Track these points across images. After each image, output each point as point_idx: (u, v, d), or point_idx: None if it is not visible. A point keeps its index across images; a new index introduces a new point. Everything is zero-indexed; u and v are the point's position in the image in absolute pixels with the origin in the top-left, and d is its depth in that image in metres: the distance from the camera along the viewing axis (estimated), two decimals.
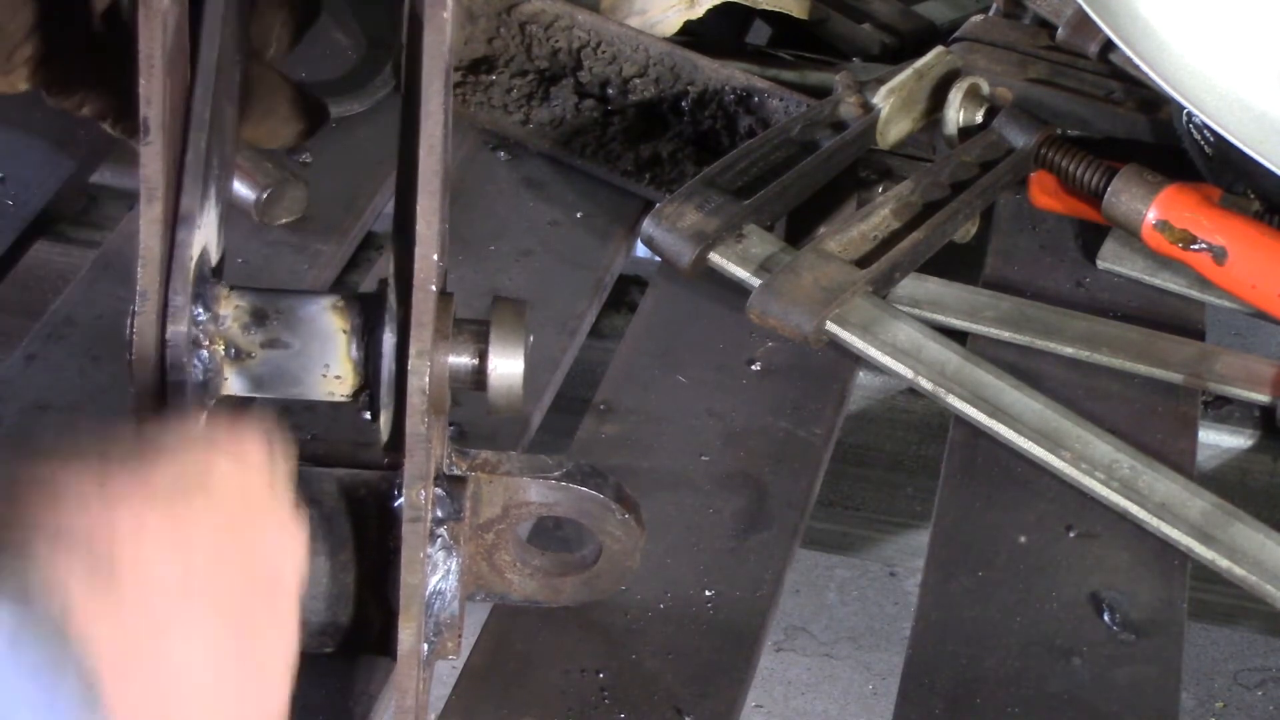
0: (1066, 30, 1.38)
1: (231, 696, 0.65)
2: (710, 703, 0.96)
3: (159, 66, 0.77)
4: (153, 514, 0.63)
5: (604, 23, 1.40)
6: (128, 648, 0.61)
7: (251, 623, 0.66)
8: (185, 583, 0.63)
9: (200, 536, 0.64)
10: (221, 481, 0.66)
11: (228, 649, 0.65)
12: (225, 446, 0.68)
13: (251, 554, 0.67)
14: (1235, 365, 1.19)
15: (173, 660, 0.63)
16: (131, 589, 0.61)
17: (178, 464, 0.65)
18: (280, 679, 0.68)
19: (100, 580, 0.60)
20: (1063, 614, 1.03)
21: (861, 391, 1.24)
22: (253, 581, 0.67)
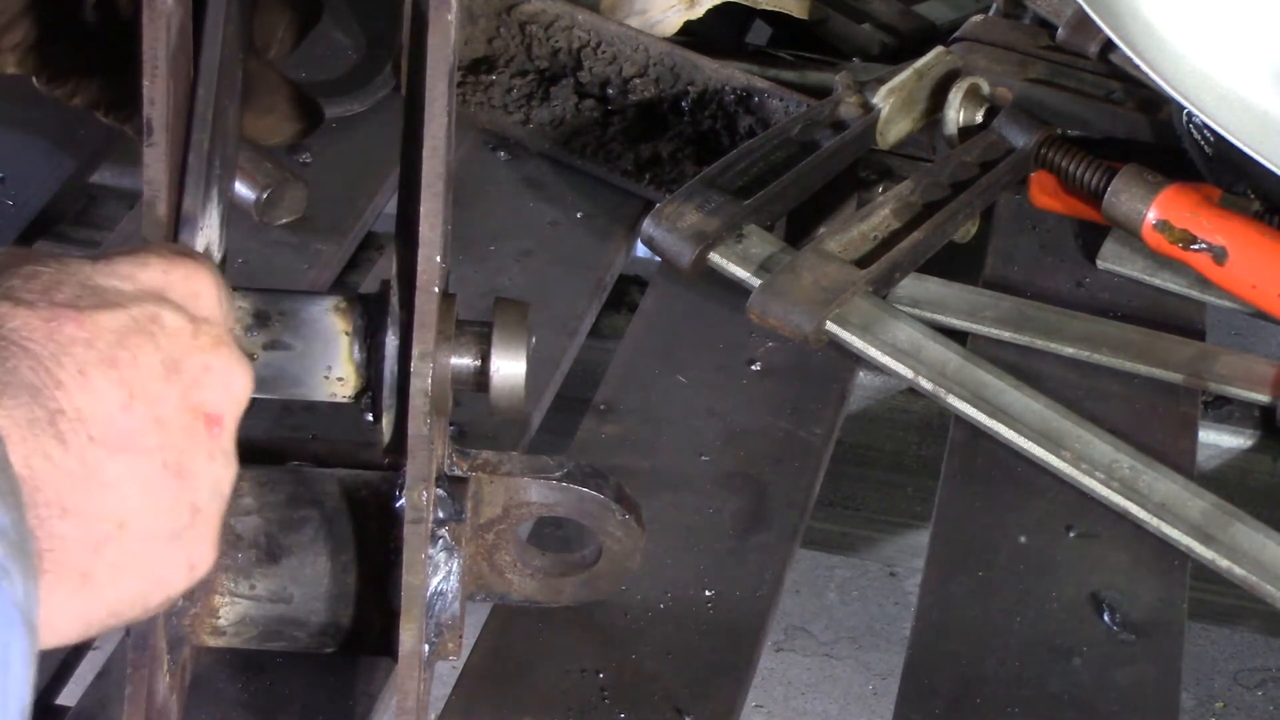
0: (1066, 30, 1.38)
1: (164, 538, 0.66)
2: (710, 703, 0.96)
3: (163, 67, 0.77)
4: (96, 359, 0.64)
5: (604, 23, 1.40)
6: (64, 490, 0.61)
7: (189, 467, 0.67)
8: (124, 428, 0.64)
9: (141, 383, 0.65)
10: (168, 330, 0.67)
11: (164, 494, 0.66)
12: (175, 294, 0.69)
13: (191, 398, 0.67)
14: (1235, 365, 1.19)
15: (108, 504, 0.63)
16: (71, 434, 0.62)
17: (125, 311, 0.66)
18: (213, 521, 0.70)
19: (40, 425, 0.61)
20: (1063, 614, 1.03)
21: (861, 391, 1.24)
22: (192, 426, 0.67)
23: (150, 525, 0.66)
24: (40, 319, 0.63)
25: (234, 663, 0.96)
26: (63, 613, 0.63)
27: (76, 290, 0.66)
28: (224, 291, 0.73)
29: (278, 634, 0.91)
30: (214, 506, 0.69)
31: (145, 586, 0.67)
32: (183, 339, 0.68)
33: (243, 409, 0.71)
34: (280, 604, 0.90)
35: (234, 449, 0.71)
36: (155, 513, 0.66)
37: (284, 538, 0.90)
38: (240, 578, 0.90)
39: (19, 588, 0.54)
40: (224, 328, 0.71)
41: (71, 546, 0.62)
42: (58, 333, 0.63)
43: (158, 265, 0.69)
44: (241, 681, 0.96)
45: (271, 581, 0.90)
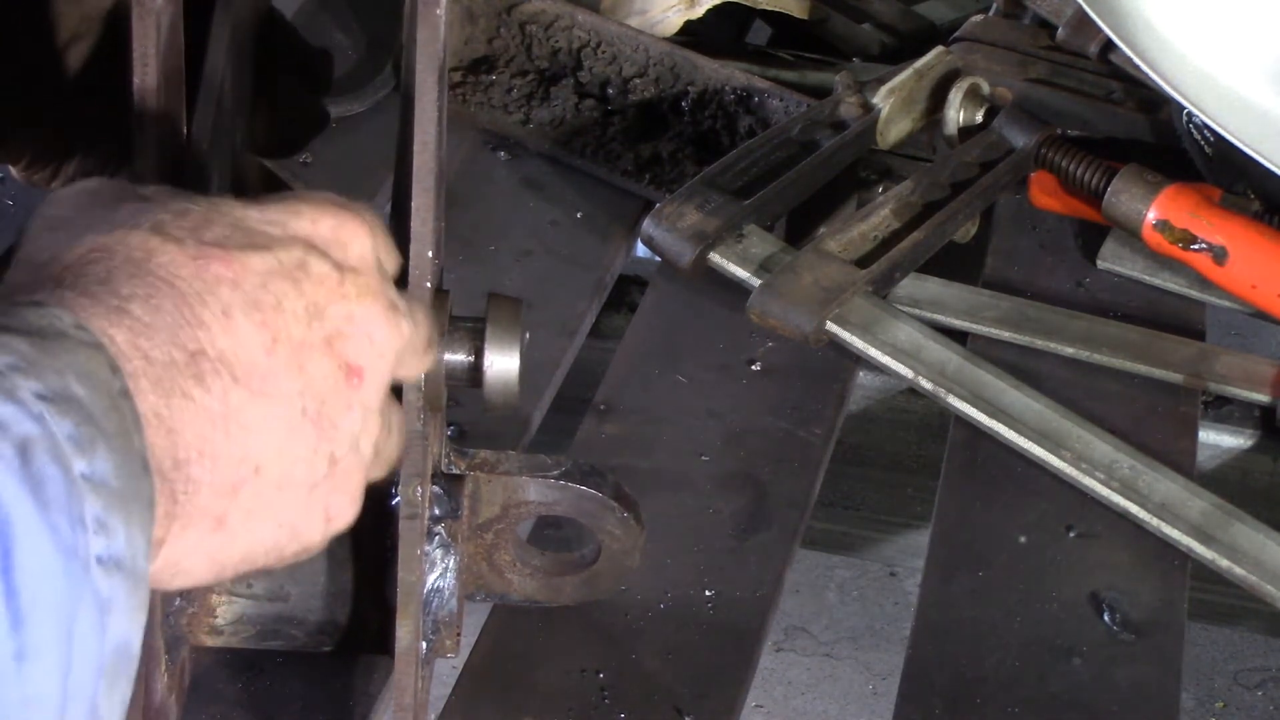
0: (1066, 30, 1.38)
1: (301, 486, 0.65)
2: (710, 703, 0.96)
3: (153, 65, 0.77)
4: (242, 301, 0.63)
5: (604, 23, 1.40)
6: (203, 431, 0.61)
7: (329, 416, 0.66)
8: (266, 372, 0.63)
9: (285, 328, 0.64)
10: (313, 276, 0.66)
11: (302, 441, 0.65)
12: (323, 242, 0.68)
13: (334, 347, 0.66)
14: (1235, 365, 1.19)
15: (246, 447, 0.62)
16: (212, 375, 0.61)
17: (272, 255, 0.65)
18: (352, 474, 0.68)
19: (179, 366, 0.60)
20: (1063, 614, 1.03)
21: (861, 391, 1.24)
22: (334, 374, 0.66)
23: (287, 472, 0.64)
24: (188, 256, 0.62)
25: (233, 663, 0.96)
26: (194, 555, 0.62)
27: (226, 230, 0.65)
28: (381, 242, 0.71)
29: (275, 633, 0.91)
30: (353, 459, 0.68)
31: (279, 535, 0.66)
32: (328, 286, 0.66)
33: (389, 363, 0.69)
34: (278, 602, 0.90)
35: (378, 404, 0.69)
36: (293, 460, 0.65)
37: None
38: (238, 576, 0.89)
39: (119, 539, 0.53)
40: (375, 278, 0.69)
41: (206, 490, 0.61)
42: (204, 271, 0.62)
43: (308, 213, 0.68)
44: (241, 681, 0.96)
45: (269, 580, 0.90)
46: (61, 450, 0.52)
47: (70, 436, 0.52)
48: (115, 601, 0.53)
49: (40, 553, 0.50)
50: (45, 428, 0.52)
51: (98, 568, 0.52)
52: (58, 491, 0.51)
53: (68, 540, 0.51)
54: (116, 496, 0.54)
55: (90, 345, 0.56)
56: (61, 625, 0.50)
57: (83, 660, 0.51)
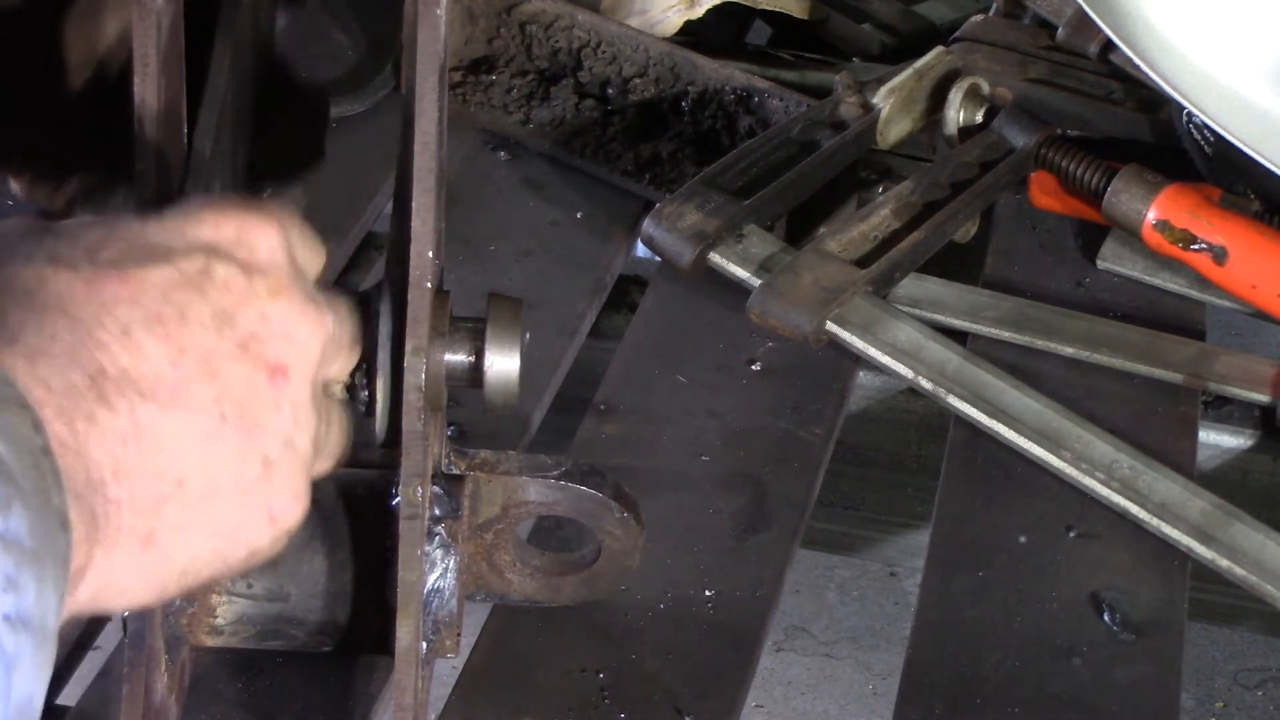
0: (1066, 30, 1.38)
1: (231, 492, 0.65)
2: (710, 703, 0.96)
3: (153, 66, 0.77)
4: (141, 317, 0.62)
5: (604, 23, 1.40)
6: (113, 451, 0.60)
7: (254, 419, 0.65)
8: (174, 384, 0.62)
9: (190, 338, 0.63)
10: (217, 282, 0.65)
11: (225, 447, 0.64)
12: (227, 246, 0.67)
13: (250, 350, 0.65)
14: (1235, 365, 1.19)
15: (162, 462, 0.62)
16: (115, 394, 0.60)
17: (172, 266, 0.64)
18: (291, 472, 0.67)
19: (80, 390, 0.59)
20: (1063, 614, 1.03)
21: (861, 391, 1.24)
22: (252, 377, 0.65)
23: (213, 480, 0.64)
24: (82, 281, 0.62)
25: (233, 663, 0.96)
26: (128, 574, 0.62)
27: (122, 248, 0.64)
28: (295, 238, 0.70)
29: (275, 633, 0.91)
30: (289, 458, 0.67)
31: (218, 544, 0.65)
32: (235, 290, 0.65)
33: (314, 358, 0.68)
34: (278, 602, 0.90)
35: (309, 399, 0.68)
36: (217, 467, 0.64)
37: None
38: (237, 576, 0.89)
39: (29, 597, 0.53)
40: (287, 275, 0.68)
41: (127, 509, 0.61)
42: (100, 293, 0.62)
43: (209, 219, 0.67)
44: (241, 681, 0.95)
45: (268, 580, 0.90)
46: None
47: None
48: (20, 659, 0.52)
49: None
50: None
51: (4, 625, 0.52)
52: None
53: None
54: (29, 555, 0.53)
55: (15, 403, 0.56)
56: None
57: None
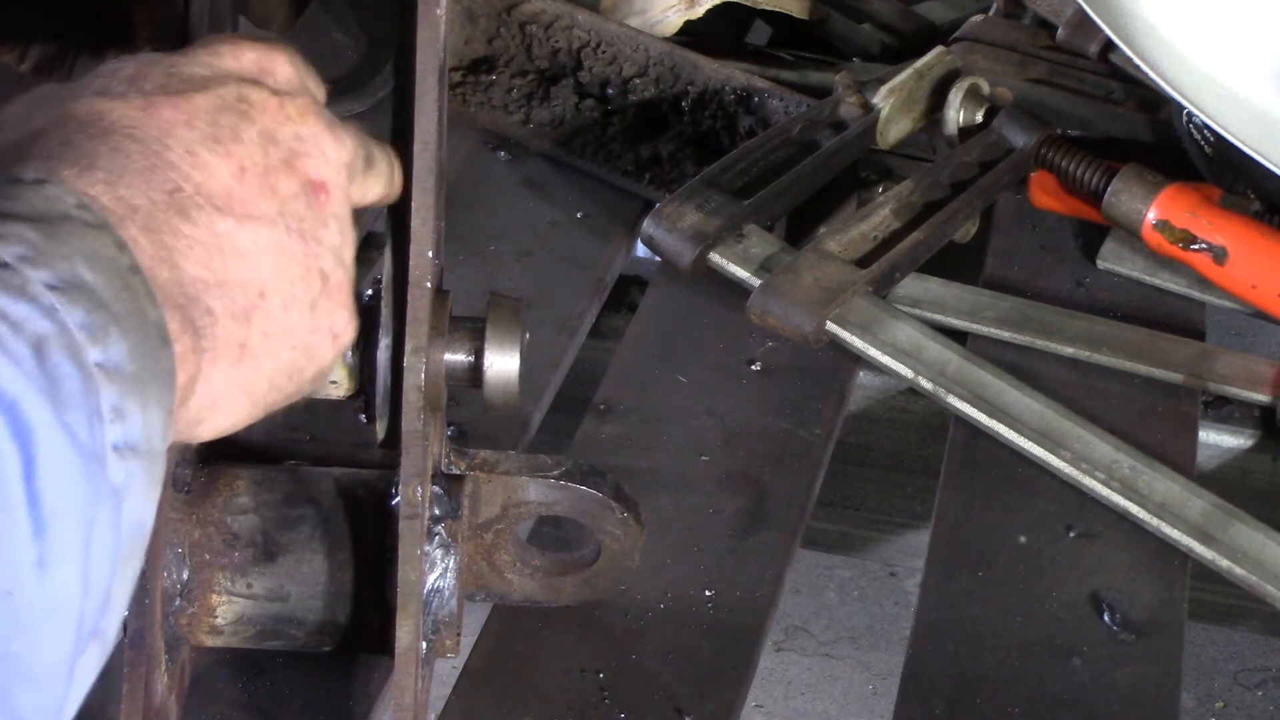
0: (1066, 30, 1.38)
1: (304, 305, 0.67)
2: (710, 703, 0.96)
3: None
4: (200, 137, 0.64)
5: (604, 23, 1.40)
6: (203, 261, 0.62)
7: (311, 233, 0.67)
8: (243, 197, 0.64)
9: (247, 155, 0.65)
10: (256, 104, 0.67)
11: (294, 260, 0.66)
12: (252, 73, 0.69)
13: (294, 167, 0.67)
14: (1235, 365, 1.19)
15: (246, 272, 0.64)
16: (194, 208, 0.62)
17: (213, 92, 0.66)
18: (344, 287, 0.70)
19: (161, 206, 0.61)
20: (1063, 614, 1.03)
21: (861, 391, 1.24)
22: (302, 193, 0.67)
23: (289, 292, 0.66)
24: (135, 107, 0.64)
25: (233, 663, 0.96)
26: (228, 388, 0.64)
27: (160, 79, 0.66)
28: (301, 66, 0.72)
29: (275, 633, 0.91)
30: (340, 273, 0.69)
31: (296, 357, 0.67)
32: (271, 111, 0.68)
33: (345, 175, 0.70)
34: (277, 602, 0.90)
35: (349, 216, 0.71)
36: (291, 279, 0.66)
37: (281, 536, 0.90)
38: (237, 576, 0.89)
39: (135, 423, 0.54)
40: (309, 98, 0.71)
41: (224, 319, 0.63)
42: (157, 116, 0.64)
43: (228, 50, 0.69)
44: (241, 681, 0.95)
45: (268, 580, 0.90)
46: (75, 343, 0.52)
47: (83, 325, 0.53)
48: (131, 486, 0.54)
49: (60, 457, 0.50)
50: (58, 321, 0.52)
51: (113, 455, 0.53)
52: (74, 388, 0.51)
53: (85, 441, 0.51)
54: (132, 380, 0.54)
55: (95, 226, 0.57)
56: (81, 529, 0.51)
57: (100, 556, 0.52)
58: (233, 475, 0.91)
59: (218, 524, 0.90)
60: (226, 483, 0.91)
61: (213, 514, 0.90)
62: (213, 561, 0.89)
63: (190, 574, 0.89)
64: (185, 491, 0.90)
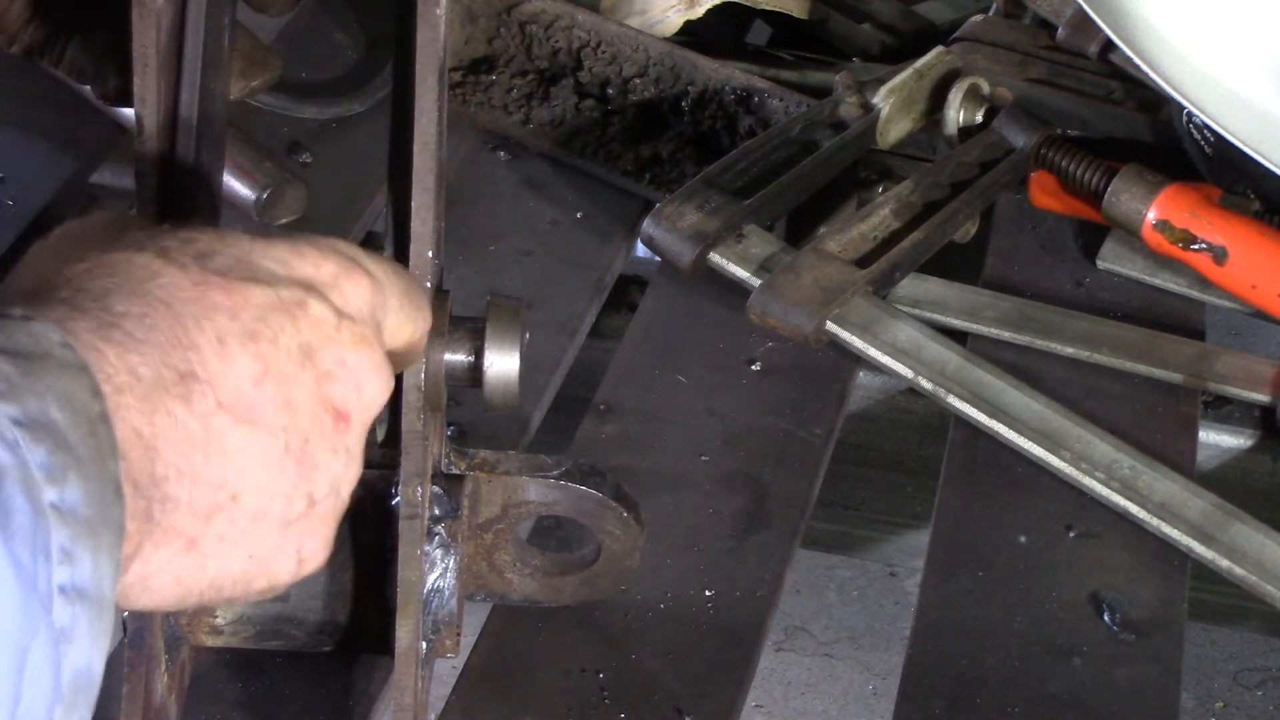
0: (1066, 30, 1.38)
1: (276, 521, 0.65)
2: (710, 703, 0.96)
3: (153, 65, 0.77)
4: (238, 331, 0.63)
5: (604, 23, 1.40)
6: (183, 451, 0.61)
7: (311, 456, 0.66)
8: (253, 402, 0.63)
9: (277, 362, 0.64)
10: (311, 317, 0.66)
11: (282, 476, 0.65)
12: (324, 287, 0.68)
13: (323, 389, 0.66)
14: (1235, 365, 1.19)
15: (225, 472, 0.63)
16: (198, 396, 0.61)
17: (273, 291, 0.65)
18: (329, 518, 0.68)
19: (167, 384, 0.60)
20: (1063, 614, 1.03)
21: (861, 391, 1.24)
22: (320, 416, 0.66)
23: (263, 504, 0.64)
24: (190, 280, 0.63)
25: (233, 663, 0.96)
26: (164, 574, 0.62)
27: (230, 261, 0.65)
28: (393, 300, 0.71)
29: (275, 633, 0.91)
30: (330, 503, 0.68)
31: (249, 567, 0.65)
32: (325, 329, 0.66)
33: (373, 415, 0.69)
34: (277, 602, 0.90)
35: (360, 452, 0.69)
36: (270, 493, 0.65)
37: None
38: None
39: (84, 568, 0.53)
40: (371, 329, 0.69)
41: (183, 509, 0.61)
42: (204, 297, 0.63)
43: (313, 256, 0.68)
44: (241, 681, 0.96)
45: None
46: (32, 479, 0.52)
47: (42, 465, 0.53)
48: (76, 630, 0.53)
49: None
50: (18, 456, 0.52)
51: (60, 598, 0.52)
52: (23, 522, 0.51)
53: (29, 573, 0.51)
54: (85, 524, 0.54)
55: (74, 367, 0.56)
56: (13, 658, 0.50)
57: (34, 693, 0.51)
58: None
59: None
60: None
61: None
62: None
63: None
64: None
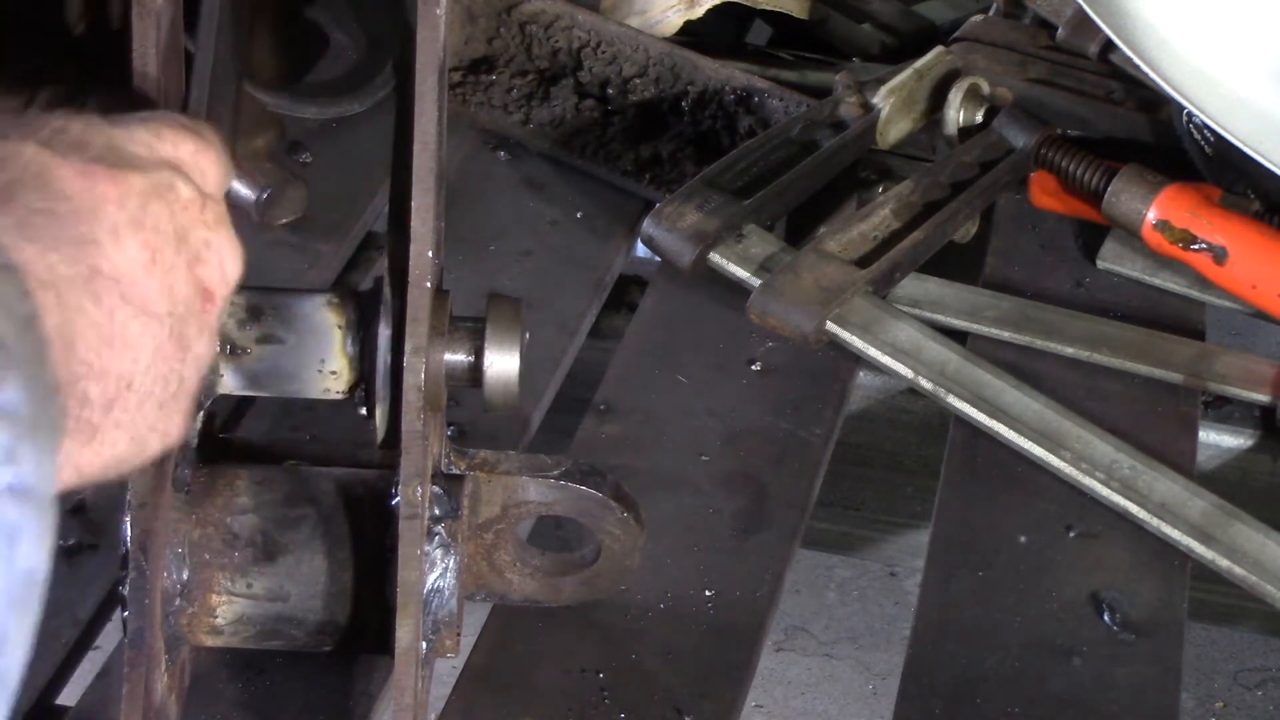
0: (1066, 30, 1.38)
1: (156, 403, 0.67)
2: (710, 703, 0.96)
3: (152, 65, 0.77)
4: (127, 220, 0.65)
5: (604, 23, 1.40)
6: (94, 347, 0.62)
7: (186, 338, 0.68)
8: (145, 290, 0.65)
9: (160, 248, 0.66)
10: (181, 199, 0.68)
11: (165, 359, 0.67)
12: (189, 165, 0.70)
13: (194, 270, 0.68)
14: (1235, 365, 1.19)
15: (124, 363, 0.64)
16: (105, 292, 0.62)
17: (147, 176, 0.67)
18: (189, 395, 0.70)
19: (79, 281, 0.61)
20: (1063, 614, 1.03)
21: (861, 391, 1.24)
22: (193, 297, 0.68)
23: (149, 389, 0.66)
24: (76, 172, 0.64)
25: (233, 663, 0.96)
26: (66, 466, 0.63)
27: (103, 150, 0.67)
28: (228, 169, 0.74)
29: (275, 633, 0.91)
30: (193, 380, 0.70)
31: (130, 449, 0.67)
32: (193, 211, 0.69)
33: (231, 287, 0.72)
34: (277, 602, 0.90)
35: (216, 329, 0.72)
36: (155, 377, 0.67)
37: (280, 536, 0.90)
38: (237, 576, 0.89)
39: (28, 467, 0.54)
40: (224, 207, 0.72)
41: (92, 403, 0.63)
42: (93, 188, 0.64)
43: (169, 135, 0.70)
44: (241, 681, 0.96)
45: (268, 580, 0.90)
46: None
47: None
48: (23, 529, 0.53)
49: None
50: None
51: (6, 496, 0.53)
52: None
53: None
54: (26, 424, 0.54)
55: (3, 268, 0.57)
56: None
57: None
58: (233, 475, 0.91)
59: (218, 524, 0.90)
60: (226, 483, 0.91)
61: (213, 514, 0.90)
62: (213, 561, 0.89)
63: (190, 574, 0.89)
64: (185, 491, 0.90)
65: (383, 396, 0.85)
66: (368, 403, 0.86)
